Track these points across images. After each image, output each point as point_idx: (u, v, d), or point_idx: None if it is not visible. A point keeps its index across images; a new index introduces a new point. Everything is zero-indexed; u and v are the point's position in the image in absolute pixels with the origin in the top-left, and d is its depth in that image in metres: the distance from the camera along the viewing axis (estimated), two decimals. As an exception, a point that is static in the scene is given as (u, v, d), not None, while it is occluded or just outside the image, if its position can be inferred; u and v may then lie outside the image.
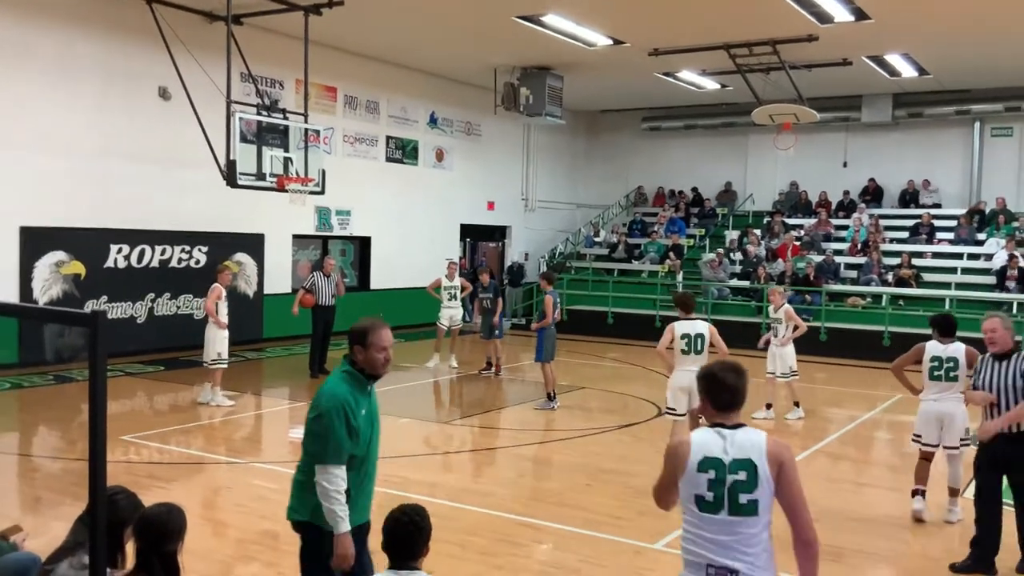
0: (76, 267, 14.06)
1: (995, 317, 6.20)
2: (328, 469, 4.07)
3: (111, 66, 14.36)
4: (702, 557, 3.37)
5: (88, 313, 2.49)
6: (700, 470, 3.35)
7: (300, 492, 4.24)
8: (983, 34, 15.73)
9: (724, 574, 3.34)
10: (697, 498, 3.36)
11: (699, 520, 3.37)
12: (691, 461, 3.39)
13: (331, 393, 4.14)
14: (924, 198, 22.13)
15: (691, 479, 3.38)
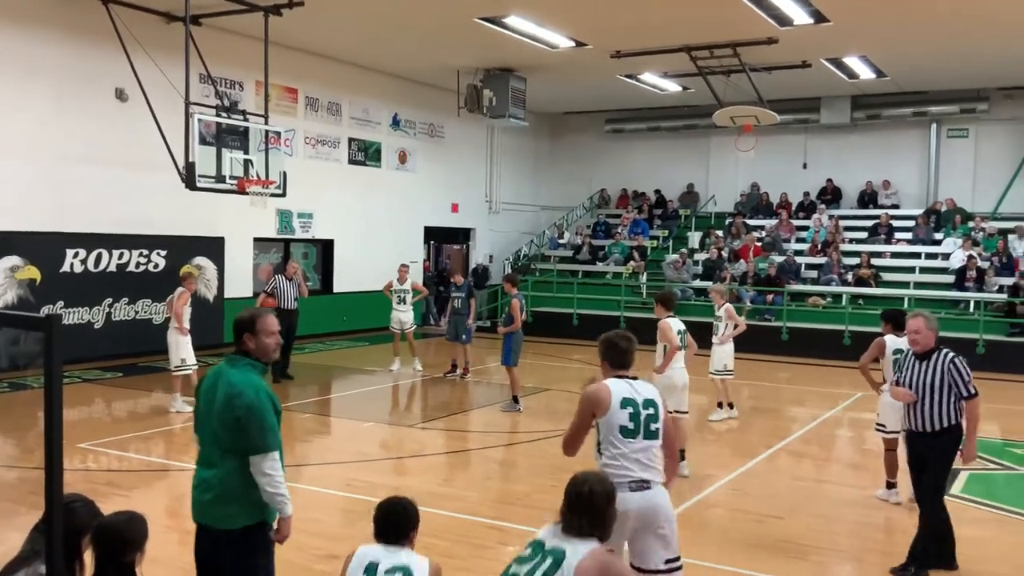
0: (31, 272, 13.78)
1: (920, 317, 6.21)
2: (271, 455, 4.13)
3: (66, 67, 14.10)
4: (625, 476, 4.38)
5: (42, 317, 2.42)
6: (622, 407, 4.46)
7: (238, 496, 4.14)
8: (939, 37, 16.01)
9: (641, 485, 4.39)
10: (621, 427, 4.44)
11: (623, 446, 4.44)
12: (613, 402, 4.48)
13: (249, 383, 4.18)
14: (883, 199, 22.46)
15: (615, 414, 4.47)
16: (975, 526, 7.33)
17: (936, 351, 6.12)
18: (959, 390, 6.01)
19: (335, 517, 7.30)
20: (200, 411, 4.28)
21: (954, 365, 6.04)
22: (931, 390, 6.05)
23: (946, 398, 6.03)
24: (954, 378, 6.03)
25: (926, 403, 6.07)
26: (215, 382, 4.25)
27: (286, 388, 13.31)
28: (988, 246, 19.27)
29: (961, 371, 6.02)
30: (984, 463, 9.60)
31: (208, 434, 4.21)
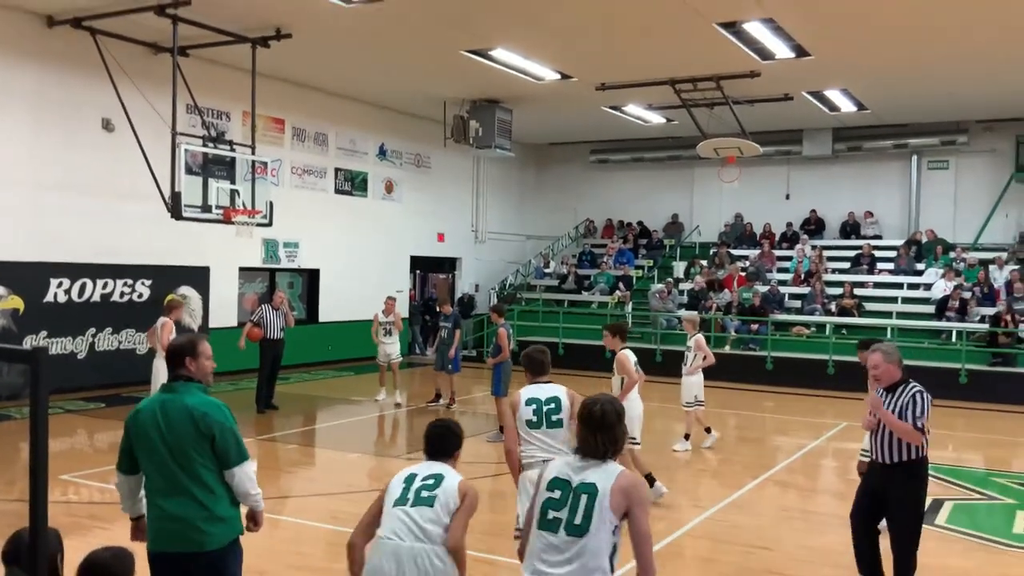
0: (14, 302, 13.69)
1: (877, 352, 6.05)
2: (250, 462, 4.37)
3: (52, 96, 14.10)
4: (532, 457, 5.83)
5: (29, 350, 2.42)
6: (527, 405, 5.89)
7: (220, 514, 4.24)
8: (918, 71, 16.26)
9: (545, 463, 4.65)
10: (527, 421, 5.85)
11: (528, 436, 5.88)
12: (522, 401, 5.91)
13: (208, 403, 4.34)
14: (865, 229, 22.67)
15: (522, 411, 5.88)
16: (960, 556, 7.35)
17: (903, 383, 5.93)
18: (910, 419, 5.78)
19: (319, 549, 7.23)
20: (152, 442, 4.22)
21: (913, 398, 5.84)
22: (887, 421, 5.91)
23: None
24: (910, 407, 5.82)
25: (886, 434, 5.91)
26: (161, 411, 4.26)
27: (271, 418, 13.23)
28: (969, 276, 19.45)
29: (917, 403, 5.81)
30: (968, 493, 9.64)
31: (172, 462, 4.19)
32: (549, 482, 3.68)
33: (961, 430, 14.38)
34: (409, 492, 4.10)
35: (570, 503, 3.56)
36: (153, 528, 4.26)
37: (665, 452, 11.31)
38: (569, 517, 3.56)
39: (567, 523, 3.56)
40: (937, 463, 11.05)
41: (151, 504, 4.28)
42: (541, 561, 3.58)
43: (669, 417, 13.06)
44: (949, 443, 13.37)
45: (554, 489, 3.64)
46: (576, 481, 3.59)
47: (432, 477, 4.11)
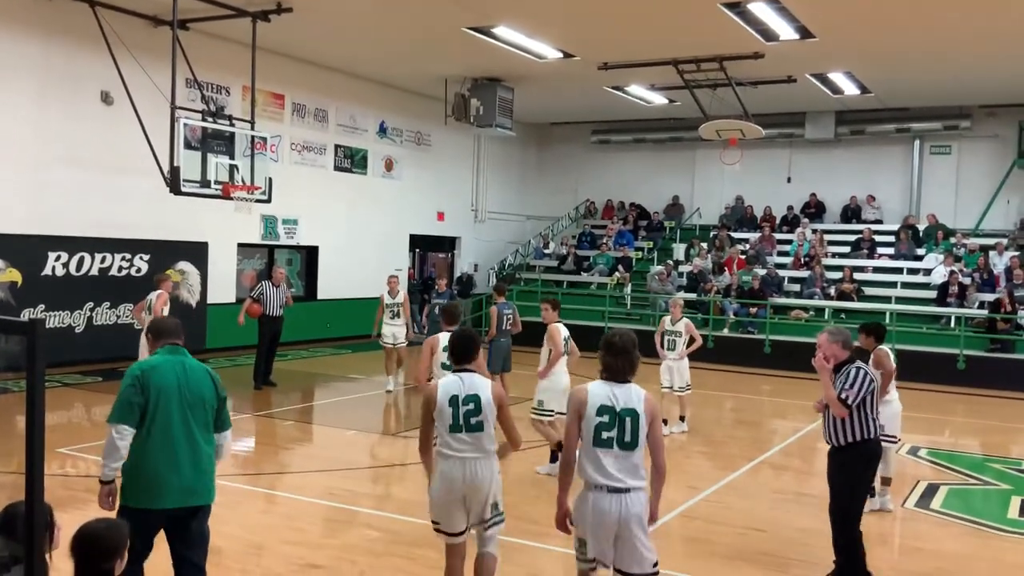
0: (12, 275, 13.66)
1: (824, 332, 6.06)
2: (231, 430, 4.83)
3: (51, 69, 14.02)
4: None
5: (26, 321, 2.40)
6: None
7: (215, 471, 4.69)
8: (923, 55, 16.17)
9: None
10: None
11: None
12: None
13: None
14: (867, 214, 22.62)
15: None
16: (955, 541, 7.38)
17: (847, 363, 5.89)
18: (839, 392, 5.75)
19: (316, 526, 7.25)
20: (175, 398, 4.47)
21: (847, 373, 5.81)
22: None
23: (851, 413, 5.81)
24: (841, 381, 5.79)
25: (829, 416, 5.93)
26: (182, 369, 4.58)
27: (269, 395, 13.24)
28: (969, 262, 19.43)
29: (848, 377, 5.77)
30: (964, 478, 9.66)
31: (192, 418, 4.50)
32: (598, 409, 4.39)
33: (958, 415, 14.42)
34: (460, 419, 4.92)
35: (618, 425, 4.37)
36: (168, 484, 4.40)
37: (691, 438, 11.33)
38: (619, 436, 4.38)
39: (619, 440, 4.38)
40: (934, 448, 11.11)
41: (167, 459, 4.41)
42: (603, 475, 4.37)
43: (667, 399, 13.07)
44: (946, 428, 13.42)
45: (603, 414, 4.38)
46: (620, 407, 4.38)
47: (471, 400, 4.90)
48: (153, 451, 4.39)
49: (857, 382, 5.77)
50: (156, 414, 4.40)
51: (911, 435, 12.16)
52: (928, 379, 16.47)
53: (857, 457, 5.86)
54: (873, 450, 5.96)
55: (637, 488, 4.42)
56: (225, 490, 8.08)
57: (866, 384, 5.78)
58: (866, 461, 5.93)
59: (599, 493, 4.40)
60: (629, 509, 4.38)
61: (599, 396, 4.43)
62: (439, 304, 14.40)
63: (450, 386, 4.93)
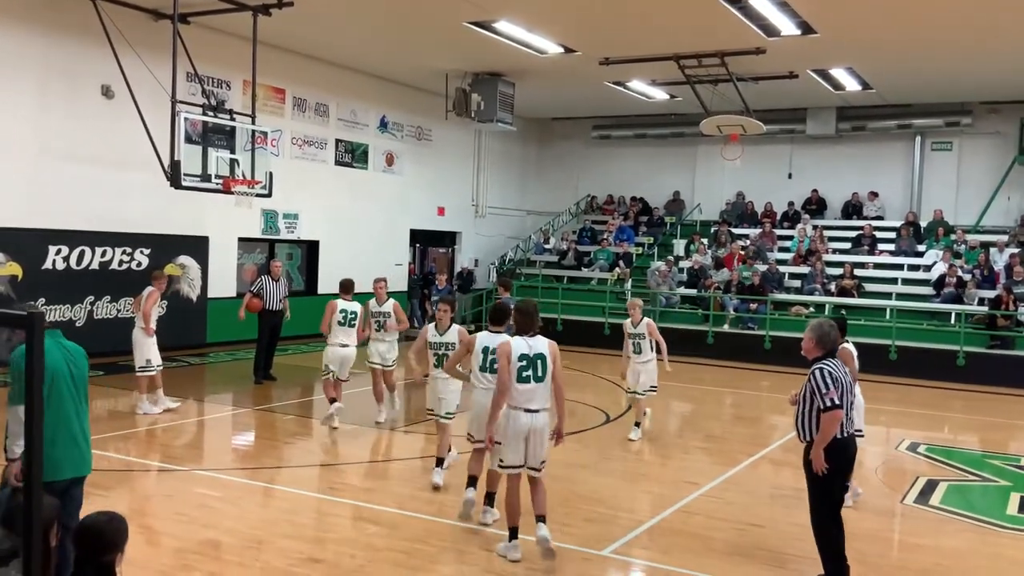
0: (13, 268, 13.66)
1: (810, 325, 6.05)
2: None
3: (51, 63, 14.01)
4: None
5: (24, 314, 2.40)
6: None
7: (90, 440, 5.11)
8: (924, 51, 16.15)
9: None
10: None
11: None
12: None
13: None
14: (868, 210, 22.60)
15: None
16: (954, 537, 7.38)
17: (819, 360, 5.87)
18: (817, 400, 5.74)
19: (316, 520, 7.26)
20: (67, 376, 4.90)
21: (812, 375, 5.78)
22: (802, 400, 5.91)
23: (812, 409, 5.81)
24: (814, 386, 5.77)
25: (797, 412, 5.93)
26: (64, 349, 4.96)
27: (268, 389, 13.26)
28: (970, 259, 19.43)
29: (819, 380, 5.74)
30: (963, 474, 9.67)
31: (79, 395, 4.97)
32: (518, 357, 6.17)
33: (958, 412, 14.42)
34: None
35: (532, 365, 6.18)
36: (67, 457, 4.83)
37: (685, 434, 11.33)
38: (533, 373, 6.17)
39: (533, 376, 6.18)
40: (932, 444, 11.12)
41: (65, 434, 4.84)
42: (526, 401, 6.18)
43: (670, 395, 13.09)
44: (945, 425, 13.42)
45: (522, 360, 6.17)
46: (533, 353, 6.21)
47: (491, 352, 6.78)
48: (51, 428, 4.69)
49: (828, 381, 5.71)
50: (51, 394, 4.73)
51: (910, 431, 12.19)
52: (928, 375, 16.49)
53: (832, 453, 5.80)
54: (847, 446, 5.91)
55: (543, 410, 6.27)
56: (225, 484, 8.11)
57: (835, 380, 5.74)
58: (841, 457, 5.87)
59: (518, 412, 6.19)
60: (536, 423, 6.22)
61: (519, 347, 6.21)
62: (438, 299, 14.40)
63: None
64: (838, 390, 5.73)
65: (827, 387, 5.71)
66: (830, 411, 5.70)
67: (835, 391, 5.71)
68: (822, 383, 5.73)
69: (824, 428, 5.75)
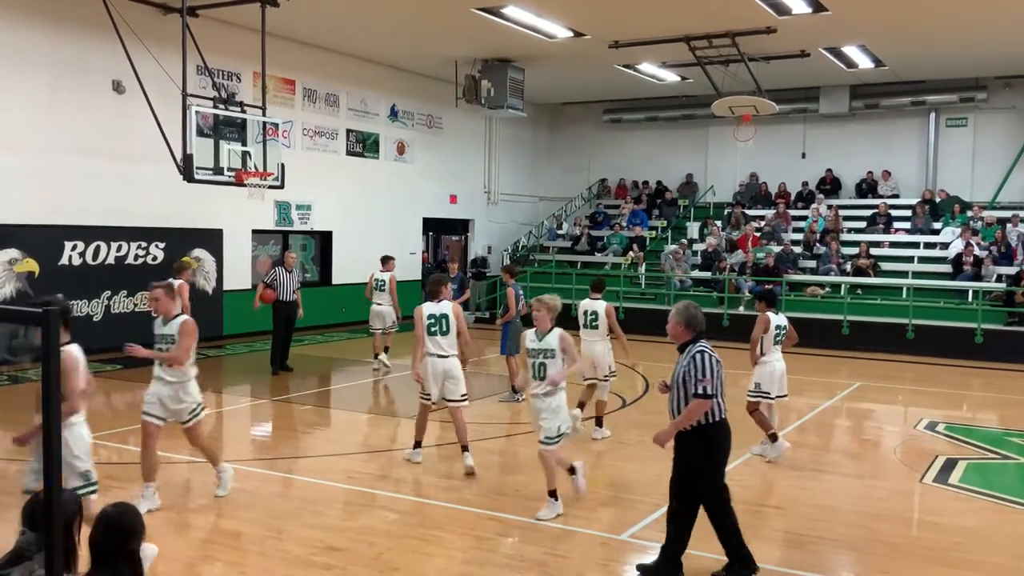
0: (29, 265, 13.76)
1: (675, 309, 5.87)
2: None
3: (62, 59, 14.06)
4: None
5: (40, 310, 2.42)
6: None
7: None
8: (937, 26, 15.97)
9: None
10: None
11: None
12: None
13: None
14: (883, 188, 22.44)
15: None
16: (975, 516, 7.35)
17: (690, 343, 5.72)
18: (691, 385, 5.57)
19: (335, 509, 7.30)
20: None
21: (692, 359, 5.61)
22: (676, 384, 5.72)
23: (685, 394, 5.63)
24: (689, 372, 5.60)
25: (671, 397, 5.77)
26: None
27: (285, 380, 13.32)
28: (986, 235, 19.27)
29: (697, 365, 5.57)
30: (982, 452, 9.62)
31: None
32: (427, 317, 8.17)
33: (976, 390, 14.34)
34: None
35: (438, 322, 8.12)
36: None
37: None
38: (439, 328, 8.12)
39: (440, 331, 8.13)
40: (951, 422, 11.07)
41: None
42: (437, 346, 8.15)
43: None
44: (964, 403, 13.35)
45: (431, 320, 8.16)
46: (439, 313, 8.16)
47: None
48: None
49: (707, 368, 5.56)
50: None
51: (929, 410, 12.14)
52: (946, 353, 16.40)
53: (704, 439, 5.65)
54: (721, 432, 5.72)
55: (452, 355, 8.22)
56: (244, 475, 8.16)
57: (714, 367, 5.59)
58: (713, 443, 5.69)
59: (432, 358, 8.17)
60: (446, 366, 8.18)
61: (428, 308, 8.25)
62: (453, 289, 14.46)
63: None
64: (714, 378, 5.56)
65: (703, 374, 5.54)
66: (701, 399, 5.54)
67: (710, 379, 5.54)
68: (698, 370, 5.56)
69: (688, 411, 5.56)
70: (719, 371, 5.64)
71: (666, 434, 5.77)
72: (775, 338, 8.83)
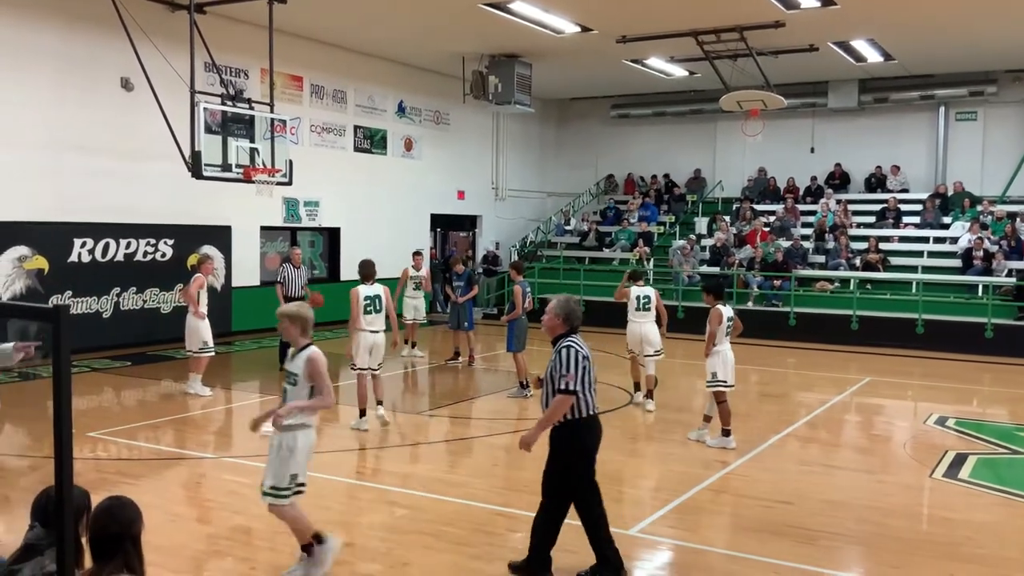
0: (39, 262, 13.81)
1: (552, 300, 5.76)
2: None
3: (71, 56, 14.10)
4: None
5: (51, 308, 2.42)
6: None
7: None
8: (947, 20, 15.89)
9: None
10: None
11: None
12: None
13: None
14: (892, 183, 22.35)
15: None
16: (984, 511, 7.33)
17: (560, 338, 5.60)
18: (557, 380, 5.46)
19: (343, 504, 7.32)
20: None
21: (558, 354, 5.49)
22: (547, 379, 5.61)
23: (553, 390, 5.51)
24: (555, 367, 5.48)
25: (543, 393, 5.68)
26: None
27: (294, 376, 13.33)
28: (996, 230, 19.18)
29: (562, 360, 5.45)
30: (992, 447, 9.59)
31: None
32: (366, 298, 9.58)
33: (987, 384, 14.29)
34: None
35: (373, 302, 9.55)
36: None
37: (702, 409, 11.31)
38: (376, 305, 9.62)
39: (374, 309, 9.60)
40: (961, 417, 11.02)
41: None
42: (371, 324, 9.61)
43: (695, 374, 13.05)
44: (974, 398, 13.30)
45: (367, 301, 9.58)
46: (373, 294, 9.60)
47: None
48: None
49: (571, 364, 5.44)
50: None
51: (939, 405, 12.10)
52: (956, 348, 16.34)
53: (572, 435, 5.53)
54: (589, 426, 5.59)
55: (382, 331, 9.68)
56: (254, 471, 8.18)
57: (579, 362, 5.46)
58: (583, 439, 5.57)
59: (368, 332, 9.65)
60: (377, 340, 9.68)
61: (365, 291, 9.62)
62: (459, 286, 14.54)
63: None
64: (578, 373, 5.44)
65: (567, 369, 5.42)
66: (564, 395, 5.42)
67: (575, 374, 5.42)
68: (563, 365, 5.44)
69: (551, 409, 5.47)
70: (585, 366, 5.49)
71: (531, 435, 5.64)
72: (726, 329, 9.21)
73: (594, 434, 5.67)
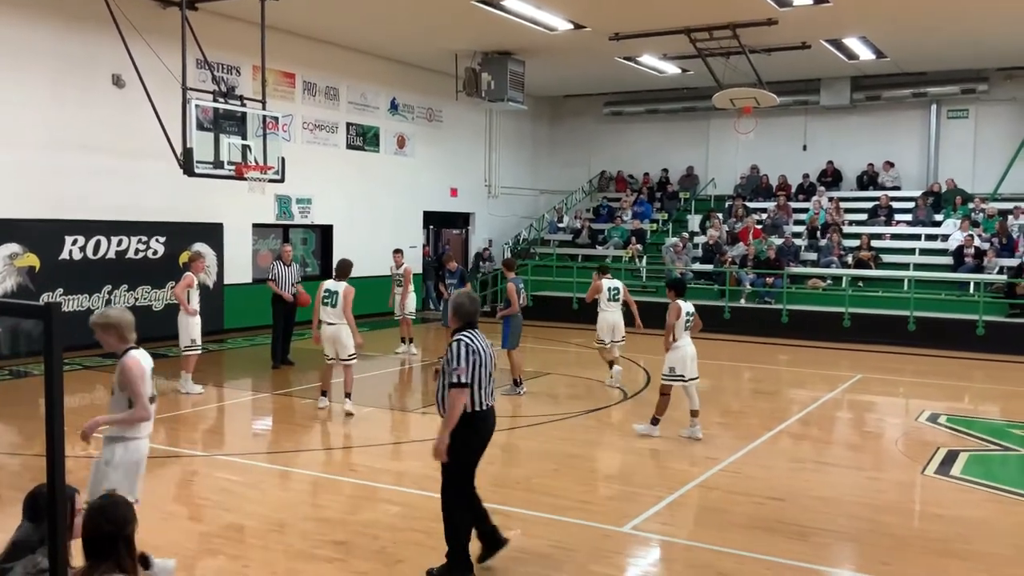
0: (30, 259, 13.76)
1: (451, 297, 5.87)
2: None
3: (62, 53, 14.03)
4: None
5: (42, 305, 2.42)
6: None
7: None
8: (939, 18, 15.93)
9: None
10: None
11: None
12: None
13: None
14: (884, 180, 22.42)
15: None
16: (976, 508, 7.36)
17: (455, 332, 5.64)
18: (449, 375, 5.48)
19: (337, 502, 7.31)
20: None
21: (450, 348, 5.53)
22: (441, 373, 5.63)
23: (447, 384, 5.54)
24: (448, 361, 5.50)
25: (437, 385, 5.70)
26: None
27: (286, 373, 13.33)
28: (988, 227, 19.25)
29: (453, 353, 5.49)
30: (984, 444, 9.63)
31: None
32: (325, 291, 10.31)
33: (978, 381, 14.35)
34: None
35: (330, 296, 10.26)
36: None
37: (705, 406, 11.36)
38: (332, 300, 10.24)
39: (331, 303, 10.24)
40: (953, 414, 11.07)
41: None
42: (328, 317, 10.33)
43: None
44: (965, 395, 13.35)
45: (325, 294, 10.33)
46: (332, 289, 10.28)
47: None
48: None
49: (462, 357, 5.47)
50: None
51: (930, 402, 12.15)
52: (947, 345, 16.40)
53: (464, 426, 5.53)
54: (481, 420, 5.63)
55: (339, 324, 10.26)
56: (246, 468, 8.18)
57: (469, 356, 5.50)
58: (471, 430, 5.59)
59: (326, 326, 10.33)
60: (334, 332, 10.34)
61: (327, 285, 10.33)
62: (452, 284, 14.53)
63: None
64: (468, 367, 5.47)
65: (456, 363, 5.46)
66: (456, 388, 5.45)
67: (465, 367, 5.45)
68: (454, 358, 5.48)
69: (450, 407, 5.48)
70: (476, 359, 5.51)
71: (440, 441, 5.55)
72: (685, 324, 9.33)
73: (487, 426, 5.72)
